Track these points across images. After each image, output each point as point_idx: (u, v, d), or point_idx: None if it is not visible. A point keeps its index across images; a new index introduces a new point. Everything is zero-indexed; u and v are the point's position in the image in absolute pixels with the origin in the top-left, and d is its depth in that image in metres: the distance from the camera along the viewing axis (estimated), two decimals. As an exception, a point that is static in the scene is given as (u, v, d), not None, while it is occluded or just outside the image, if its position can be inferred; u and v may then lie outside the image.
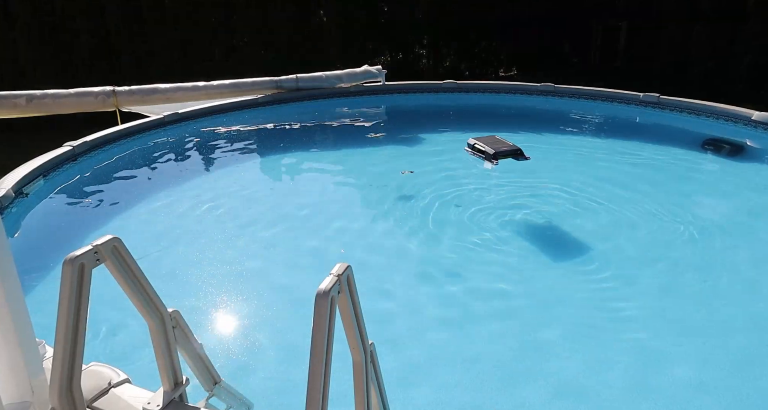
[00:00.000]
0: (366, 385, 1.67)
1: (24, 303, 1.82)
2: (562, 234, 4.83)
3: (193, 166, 7.15)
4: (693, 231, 4.91)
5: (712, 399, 2.91)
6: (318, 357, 1.47)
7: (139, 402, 1.97)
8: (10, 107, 6.70)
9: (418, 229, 4.98)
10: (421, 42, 15.29)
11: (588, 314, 3.69)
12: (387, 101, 9.51)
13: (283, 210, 5.54)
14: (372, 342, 1.73)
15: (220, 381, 2.18)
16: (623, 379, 3.07)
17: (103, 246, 1.70)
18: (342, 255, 4.46)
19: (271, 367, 3.25)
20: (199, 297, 3.90)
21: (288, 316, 3.72)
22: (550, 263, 4.36)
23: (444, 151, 7.15)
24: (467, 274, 4.21)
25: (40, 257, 4.42)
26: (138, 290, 1.82)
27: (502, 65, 15.85)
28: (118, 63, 12.05)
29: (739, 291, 3.94)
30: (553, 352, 3.30)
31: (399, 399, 2.85)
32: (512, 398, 2.95)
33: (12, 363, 1.81)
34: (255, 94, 8.46)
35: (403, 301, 3.88)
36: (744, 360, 3.18)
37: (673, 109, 8.03)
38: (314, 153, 7.59)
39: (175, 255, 4.56)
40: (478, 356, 3.29)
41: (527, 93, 9.22)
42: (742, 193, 5.87)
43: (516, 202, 5.51)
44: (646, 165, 6.68)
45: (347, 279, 1.56)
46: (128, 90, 7.28)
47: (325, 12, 13.92)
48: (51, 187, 5.70)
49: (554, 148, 7.43)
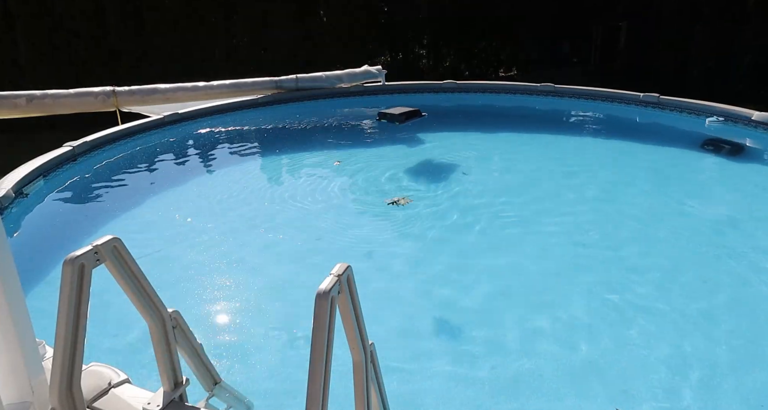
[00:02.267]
0: (366, 385, 1.67)
1: (24, 303, 1.81)
2: (562, 233, 4.85)
3: (193, 166, 7.15)
4: (693, 231, 4.92)
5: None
6: (318, 357, 1.47)
7: (139, 403, 1.97)
8: (10, 107, 6.70)
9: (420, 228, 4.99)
10: (421, 42, 15.30)
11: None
12: (387, 101, 9.51)
13: (284, 211, 5.54)
14: (372, 342, 1.73)
15: (220, 381, 2.18)
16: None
17: (103, 246, 1.70)
18: (341, 256, 4.46)
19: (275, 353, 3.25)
20: (199, 296, 3.90)
21: (288, 313, 3.72)
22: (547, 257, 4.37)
23: (444, 152, 7.16)
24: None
25: (40, 257, 4.42)
26: (138, 290, 1.82)
27: (502, 65, 15.86)
28: (118, 63, 12.05)
29: (740, 291, 3.94)
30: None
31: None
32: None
33: (12, 363, 1.81)
34: (255, 94, 8.46)
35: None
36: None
37: (673, 109, 8.03)
38: (314, 153, 7.58)
39: (176, 255, 4.56)
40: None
41: (527, 93, 9.22)
42: (741, 193, 5.87)
43: (511, 202, 5.52)
44: (646, 165, 6.68)
45: (347, 279, 1.56)
46: (128, 90, 7.29)
47: (325, 12, 13.93)
48: (51, 187, 5.70)
49: (554, 148, 7.44)
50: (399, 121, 6.05)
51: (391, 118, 6.22)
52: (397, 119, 6.04)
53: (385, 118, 6.43)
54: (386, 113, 6.44)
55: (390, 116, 6.27)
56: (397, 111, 6.46)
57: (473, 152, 7.19)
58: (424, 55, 15.44)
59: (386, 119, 6.34)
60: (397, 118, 6.24)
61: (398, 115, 6.39)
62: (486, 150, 7.39)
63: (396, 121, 6.04)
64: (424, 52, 15.44)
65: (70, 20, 11.45)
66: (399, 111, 6.46)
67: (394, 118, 6.24)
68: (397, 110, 6.55)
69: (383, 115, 6.45)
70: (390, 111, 6.41)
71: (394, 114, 6.34)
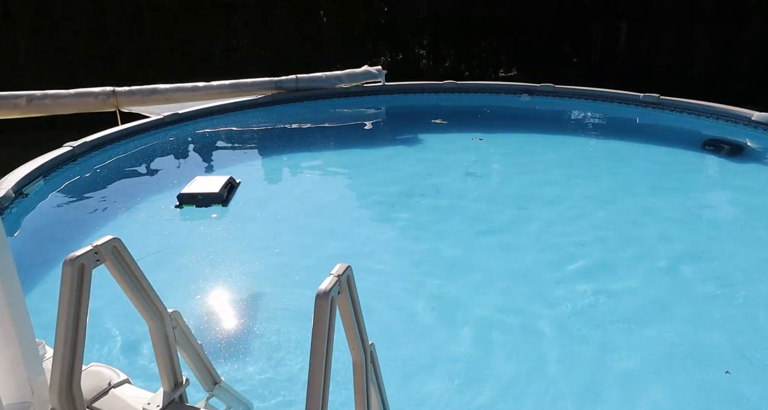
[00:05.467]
0: (366, 385, 1.67)
1: (24, 303, 1.81)
2: (561, 232, 4.85)
3: (194, 166, 7.15)
4: (692, 231, 4.92)
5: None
6: (318, 357, 1.47)
7: (138, 403, 1.97)
8: (10, 107, 6.70)
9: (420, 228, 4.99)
10: (421, 42, 15.29)
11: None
12: (387, 101, 9.52)
13: (284, 210, 5.54)
14: (372, 343, 1.73)
15: (220, 381, 2.18)
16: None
17: (103, 246, 1.70)
18: (341, 257, 4.46)
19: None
20: (198, 297, 3.91)
21: (288, 308, 3.72)
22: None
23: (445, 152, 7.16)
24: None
25: (40, 257, 4.42)
26: (138, 290, 1.82)
27: (502, 65, 15.85)
28: (118, 63, 12.04)
29: (739, 291, 3.94)
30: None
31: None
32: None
33: (12, 363, 1.81)
34: (255, 95, 8.46)
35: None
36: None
37: (673, 109, 8.04)
38: (314, 153, 7.59)
39: (176, 255, 4.56)
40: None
41: (527, 93, 9.22)
42: (741, 193, 5.87)
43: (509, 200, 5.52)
44: (646, 165, 6.68)
45: (347, 279, 1.56)
46: (128, 90, 7.29)
47: (325, 12, 13.92)
48: (51, 187, 5.70)
49: (553, 148, 7.44)
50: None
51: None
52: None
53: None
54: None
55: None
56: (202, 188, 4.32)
57: (474, 152, 7.20)
58: (424, 55, 15.43)
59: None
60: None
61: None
62: (486, 150, 7.39)
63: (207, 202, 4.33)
64: (424, 52, 15.43)
65: (70, 20, 11.44)
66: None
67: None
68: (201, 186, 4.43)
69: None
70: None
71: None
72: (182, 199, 4.03)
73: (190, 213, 4.99)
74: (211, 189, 4.21)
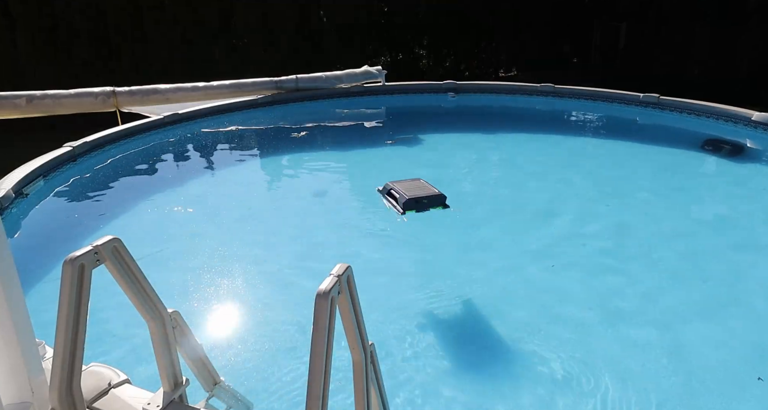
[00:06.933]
0: (366, 385, 1.67)
1: (24, 303, 1.81)
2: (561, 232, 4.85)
3: (194, 166, 7.14)
4: (692, 231, 4.92)
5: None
6: (318, 357, 1.47)
7: (139, 403, 1.97)
8: (10, 107, 6.70)
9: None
10: (421, 42, 15.29)
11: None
12: (387, 101, 9.51)
13: (284, 210, 5.54)
14: (372, 343, 1.73)
15: (220, 381, 2.17)
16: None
17: (103, 246, 1.70)
18: (342, 257, 4.46)
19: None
20: (199, 297, 3.91)
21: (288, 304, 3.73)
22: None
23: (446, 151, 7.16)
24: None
25: (40, 257, 4.42)
26: (138, 291, 1.82)
27: (502, 65, 15.85)
28: (118, 63, 12.04)
29: (739, 292, 3.94)
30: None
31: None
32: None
33: (12, 363, 1.81)
34: (255, 95, 8.46)
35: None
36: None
37: (673, 109, 8.03)
38: (314, 153, 7.59)
39: (176, 255, 4.56)
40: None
41: (527, 93, 9.22)
42: (741, 193, 5.87)
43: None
44: (646, 165, 6.68)
45: (347, 279, 1.56)
46: (128, 90, 7.28)
47: (325, 12, 13.92)
48: (51, 187, 5.70)
49: (553, 148, 7.44)
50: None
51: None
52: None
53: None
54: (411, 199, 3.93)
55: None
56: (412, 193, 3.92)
57: (473, 153, 7.20)
58: (424, 55, 15.43)
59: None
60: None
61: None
62: (486, 150, 7.39)
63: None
64: (424, 52, 15.42)
65: (70, 20, 11.45)
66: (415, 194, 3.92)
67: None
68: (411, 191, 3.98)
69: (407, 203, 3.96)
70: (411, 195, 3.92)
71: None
72: (407, 205, 3.79)
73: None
74: (430, 191, 3.94)
